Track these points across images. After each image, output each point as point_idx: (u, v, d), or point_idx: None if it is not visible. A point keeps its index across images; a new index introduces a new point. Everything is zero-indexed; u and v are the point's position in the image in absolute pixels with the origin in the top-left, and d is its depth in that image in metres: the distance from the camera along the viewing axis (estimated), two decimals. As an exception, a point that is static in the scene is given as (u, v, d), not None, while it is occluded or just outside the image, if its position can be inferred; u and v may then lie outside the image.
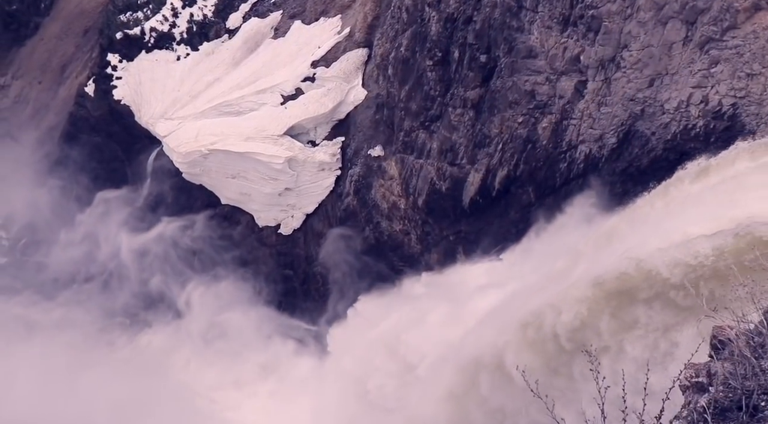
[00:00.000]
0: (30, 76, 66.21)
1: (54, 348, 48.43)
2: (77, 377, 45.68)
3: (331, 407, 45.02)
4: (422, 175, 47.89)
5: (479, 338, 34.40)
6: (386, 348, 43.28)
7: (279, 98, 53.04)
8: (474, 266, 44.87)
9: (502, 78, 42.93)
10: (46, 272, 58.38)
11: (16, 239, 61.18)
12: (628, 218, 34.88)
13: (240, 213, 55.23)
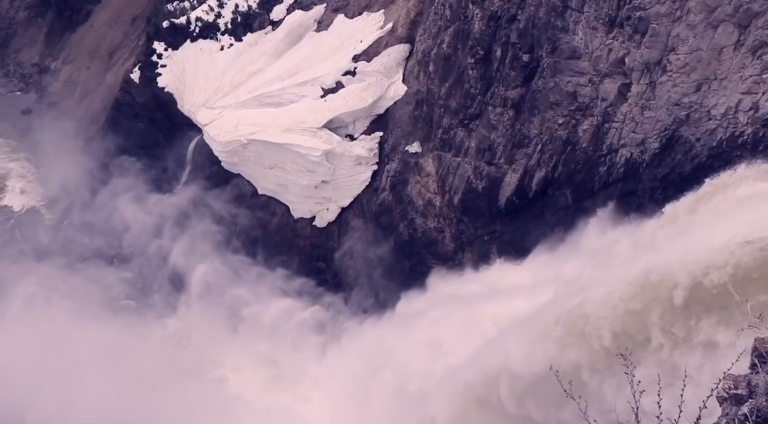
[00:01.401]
0: (79, 62, 66.12)
1: (99, 326, 48.31)
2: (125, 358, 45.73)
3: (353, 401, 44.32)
4: (459, 174, 46.47)
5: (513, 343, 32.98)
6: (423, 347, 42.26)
7: (319, 91, 52.00)
8: (508, 267, 43.56)
9: (544, 78, 41.28)
10: (87, 252, 58.14)
11: (59, 220, 60.98)
12: (667, 222, 33.32)
13: (276, 204, 54.33)
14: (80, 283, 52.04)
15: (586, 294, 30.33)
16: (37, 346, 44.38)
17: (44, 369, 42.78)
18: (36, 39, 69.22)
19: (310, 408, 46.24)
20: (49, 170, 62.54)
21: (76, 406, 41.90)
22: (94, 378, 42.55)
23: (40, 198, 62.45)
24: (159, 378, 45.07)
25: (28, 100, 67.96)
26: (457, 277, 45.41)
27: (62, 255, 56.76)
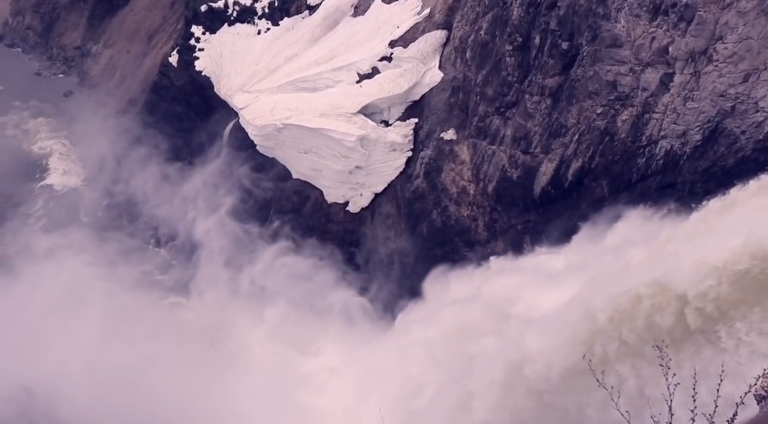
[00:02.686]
0: (119, 46, 65.66)
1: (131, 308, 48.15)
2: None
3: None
4: (494, 162, 45.04)
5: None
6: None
7: (355, 76, 50.78)
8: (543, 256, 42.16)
9: (583, 67, 39.63)
10: (125, 233, 57.90)
11: (99, 200, 60.77)
12: (705, 217, 31.75)
13: (310, 188, 53.38)
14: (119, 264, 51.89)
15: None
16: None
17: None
18: (78, 23, 68.89)
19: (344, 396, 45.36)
20: (89, 151, 62.35)
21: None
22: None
23: (80, 178, 62.29)
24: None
25: (70, 83, 67.81)
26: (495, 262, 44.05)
27: (101, 235, 56.58)
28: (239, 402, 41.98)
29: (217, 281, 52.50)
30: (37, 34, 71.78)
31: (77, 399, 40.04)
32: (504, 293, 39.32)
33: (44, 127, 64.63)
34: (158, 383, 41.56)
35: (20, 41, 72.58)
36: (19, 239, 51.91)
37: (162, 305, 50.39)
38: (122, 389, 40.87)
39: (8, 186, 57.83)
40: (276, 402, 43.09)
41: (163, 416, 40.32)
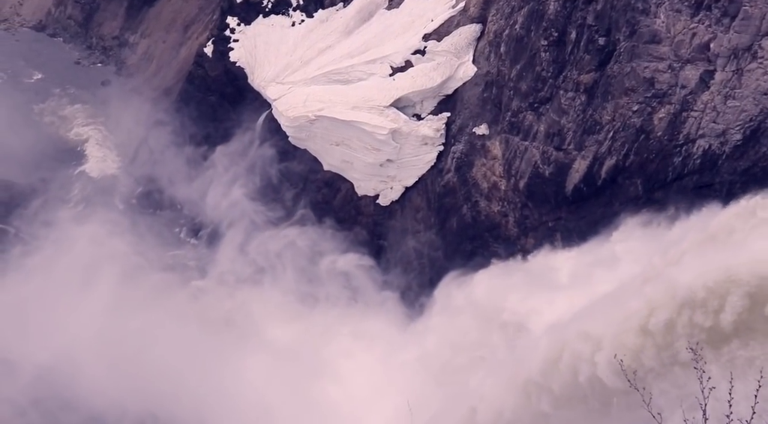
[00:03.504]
0: (156, 36, 65.42)
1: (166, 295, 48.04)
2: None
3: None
4: (526, 158, 43.87)
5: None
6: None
7: (388, 69, 49.81)
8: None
9: (620, 63, 38.31)
10: (159, 220, 57.73)
11: (133, 187, 60.65)
12: (742, 216, 30.38)
13: (341, 180, 52.63)
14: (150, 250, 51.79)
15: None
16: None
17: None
18: (117, 13, 68.83)
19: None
20: (125, 139, 62.31)
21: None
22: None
23: (116, 165, 62.23)
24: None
25: (107, 72, 67.77)
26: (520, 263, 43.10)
27: (135, 220, 56.51)
28: (250, 383, 41.82)
29: (241, 267, 52.21)
30: (77, 24, 71.86)
31: (94, 372, 40.57)
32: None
33: (81, 114, 64.67)
34: (172, 362, 41.75)
35: (61, 31, 72.77)
36: (56, 223, 51.90)
37: (186, 287, 50.12)
38: (135, 365, 41.21)
39: (46, 171, 57.95)
40: (292, 389, 42.77)
41: (175, 393, 40.60)
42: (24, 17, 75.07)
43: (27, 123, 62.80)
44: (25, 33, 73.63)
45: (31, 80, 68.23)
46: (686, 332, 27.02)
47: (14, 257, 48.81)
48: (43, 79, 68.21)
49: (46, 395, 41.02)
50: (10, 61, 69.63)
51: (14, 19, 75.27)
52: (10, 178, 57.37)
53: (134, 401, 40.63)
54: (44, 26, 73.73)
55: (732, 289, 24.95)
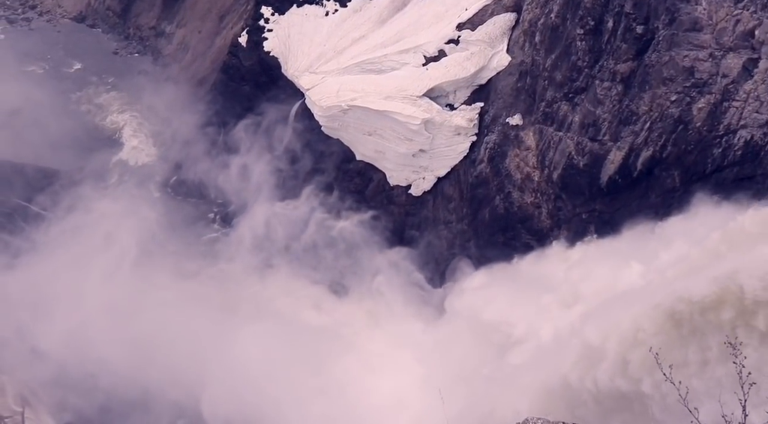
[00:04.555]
0: (192, 26, 64.98)
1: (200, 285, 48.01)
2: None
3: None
4: (560, 149, 42.63)
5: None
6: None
7: (421, 59, 48.78)
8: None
9: (658, 52, 36.91)
10: (192, 207, 57.48)
11: (169, 176, 60.44)
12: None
13: (373, 170, 51.81)
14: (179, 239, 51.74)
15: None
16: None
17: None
18: (154, 3, 68.62)
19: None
20: (161, 128, 62.06)
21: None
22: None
23: (152, 154, 62.06)
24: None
25: (144, 62, 67.57)
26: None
27: (169, 208, 56.52)
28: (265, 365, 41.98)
29: (270, 255, 51.90)
30: (116, 15, 71.81)
31: (111, 345, 41.55)
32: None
33: (117, 102, 64.59)
34: (191, 343, 42.33)
35: (100, 22, 72.78)
36: (94, 210, 51.99)
37: (211, 272, 49.85)
38: (149, 342, 41.92)
39: (84, 159, 57.98)
40: (315, 378, 42.46)
41: (190, 374, 41.30)
42: (65, 9, 75.28)
43: (66, 111, 62.91)
44: (66, 24, 73.80)
45: (71, 70, 68.35)
46: (724, 327, 26.07)
47: (50, 240, 49.11)
48: (82, 69, 68.27)
49: (66, 372, 41.92)
50: (51, 51, 69.82)
51: (56, 11, 75.53)
52: (50, 165, 57.52)
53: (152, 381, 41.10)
54: (84, 17, 73.81)
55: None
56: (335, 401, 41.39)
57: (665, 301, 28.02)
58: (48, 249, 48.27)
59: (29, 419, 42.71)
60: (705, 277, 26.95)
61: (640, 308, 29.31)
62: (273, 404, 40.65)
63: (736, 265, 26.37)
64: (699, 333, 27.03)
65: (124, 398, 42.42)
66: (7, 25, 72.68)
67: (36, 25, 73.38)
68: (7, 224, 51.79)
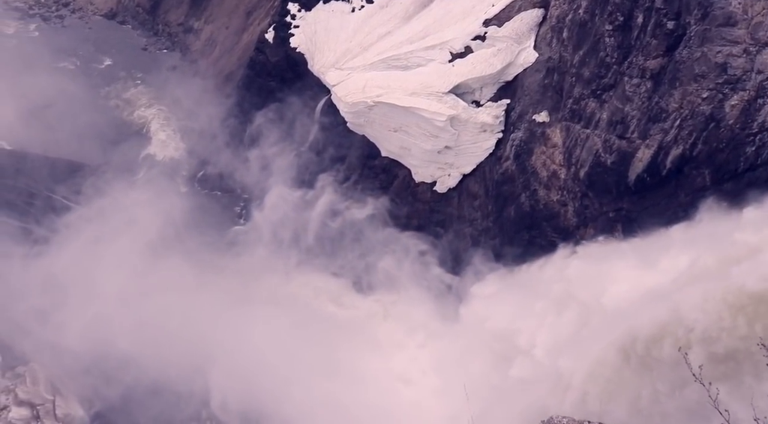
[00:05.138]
0: (219, 22, 64.83)
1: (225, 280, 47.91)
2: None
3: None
4: (587, 146, 41.65)
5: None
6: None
7: (447, 55, 48.01)
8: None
9: (689, 47, 35.80)
10: (217, 202, 57.33)
11: (196, 171, 60.37)
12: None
13: (398, 166, 51.18)
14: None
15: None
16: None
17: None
18: (182, 0, 68.64)
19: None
20: (188, 123, 62.02)
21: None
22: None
23: (179, 149, 62.04)
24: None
25: (173, 58, 67.61)
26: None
27: (195, 203, 56.48)
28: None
29: (294, 250, 51.64)
30: (145, 11, 71.98)
31: (134, 336, 42.28)
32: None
33: (145, 97, 64.74)
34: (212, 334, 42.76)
35: (130, 18, 73.02)
36: (120, 203, 52.11)
37: (235, 265, 49.68)
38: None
39: (112, 153, 58.12)
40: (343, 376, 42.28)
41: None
42: (96, 6, 75.66)
43: (95, 106, 63.15)
44: (98, 21, 74.18)
45: (102, 66, 68.65)
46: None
47: (75, 231, 49.45)
48: (112, 65, 68.54)
49: (93, 362, 42.77)
50: (82, 48, 70.21)
51: (88, 8, 75.97)
52: (78, 158, 57.71)
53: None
54: (115, 14, 74.10)
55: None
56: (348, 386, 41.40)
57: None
58: (72, 240, 48.63)
59: (60, 407, 43.24)
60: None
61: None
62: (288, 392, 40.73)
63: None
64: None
65: (150, 388, 42.80)
66: (41, 23, 73.25)
67: (68, 23, 73.87)
68: (34, 214, 52.13)
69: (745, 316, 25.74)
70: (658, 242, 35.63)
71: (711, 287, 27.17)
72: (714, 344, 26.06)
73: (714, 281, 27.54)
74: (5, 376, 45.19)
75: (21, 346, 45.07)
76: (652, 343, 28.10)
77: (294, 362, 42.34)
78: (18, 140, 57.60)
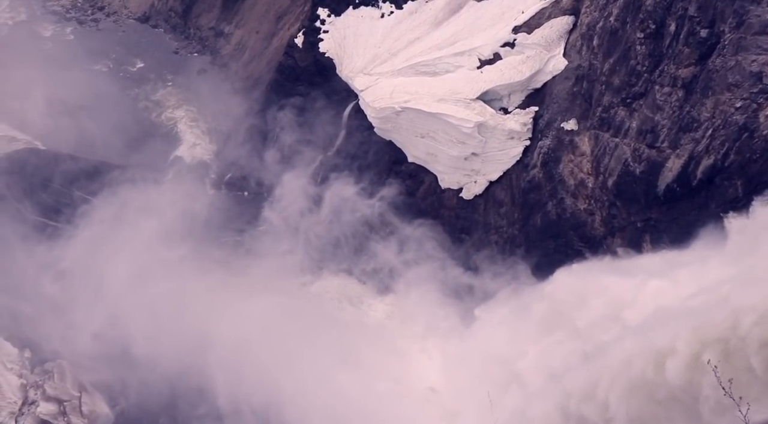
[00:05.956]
0: (250, 26, 64.97)
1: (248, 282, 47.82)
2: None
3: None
4: (616, 155, 40.83)
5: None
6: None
7: (476, 62, 47.49)
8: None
9: (723, 56, 34.91)
10: (244, 206, 57.29)
11: (223, 173, 60.43)
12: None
13: (424, 172, 50.69)
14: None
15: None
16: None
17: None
18: (214, 4, 68.95)
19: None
20: (217, 126, 62.30)
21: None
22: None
23: (208, 151, 62.21)
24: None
25: (203, 62, 67.87)
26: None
27: (221, 206, 56.61)
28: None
29: (319, 253, 51.86)
30: (177, 15, 72.42)
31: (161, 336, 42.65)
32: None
33: (175, 99, 65.17)
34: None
35: (163, 22, 73.52)
36: (147, 203, 52.34)
37: (257, 266, 49.73)
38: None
39: (141, 154, 58.36)
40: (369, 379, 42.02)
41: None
42: (131, 10, 76.40)
43: (126, 108, 63.75)
44: (131, 25, 74.86)
45: (134, 68, 69.18)
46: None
47: (99, 230, 49.93)
48: (143, 68, 69.07)
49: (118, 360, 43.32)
50: (115, 51, 70.88)
51: (122, 11, 76.74)
52: (108, 159, 58.06)
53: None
54: (148, 18, 74.66)
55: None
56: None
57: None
58: (94, 238, 49.09)
59: (86, 404, 43.52)
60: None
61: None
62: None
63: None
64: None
65: (176, 387, 42.97)
66: (77, 26, 74.11)
67: (103, 26, 74.65)
68: (62, 212, 52.48)
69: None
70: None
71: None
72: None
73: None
74: (34, 371, 45.62)
75: (49, 343, 45.45)
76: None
77: (311, 362, 42.30)
78: (51, 140, 58.12)
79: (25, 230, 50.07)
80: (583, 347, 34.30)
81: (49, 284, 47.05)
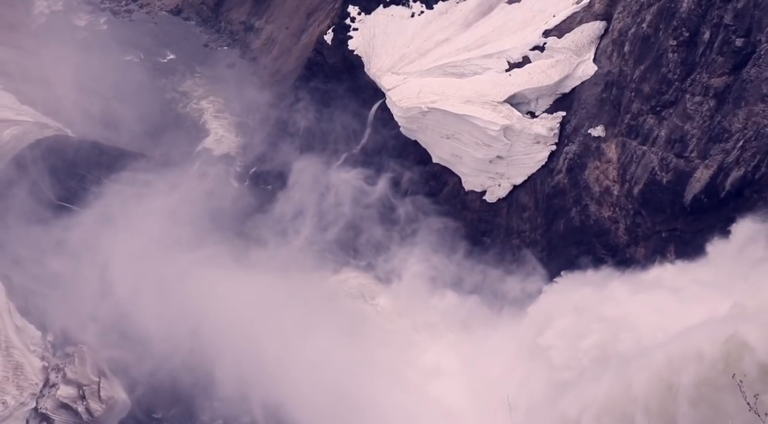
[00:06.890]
0: (279, 22, 64.78)
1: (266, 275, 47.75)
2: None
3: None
4: (643, 163, 40.04)
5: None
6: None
7: (504, 65, 46.86)
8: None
9: (758, 66, 34.03)
10: (267, 200, 57.18)
11: (248, 166, 60.34)
12: None
13: (448, 174, 50.18)
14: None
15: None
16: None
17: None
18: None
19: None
20: (243, 120, 62.26)
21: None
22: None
23: (234, 144, 62.17)
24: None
25: (232, 56, 67.79)
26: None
27: (243, 199, 56.60)
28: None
29: (338, 254, 51.90)
30: (209, 9, 72.48)
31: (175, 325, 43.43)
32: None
33: (203, 91, 65.23)
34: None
35: (194, 15, 73.60)
36: (170, 193, 52.60)
37: (271, 259, 49.84)
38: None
39: (167, 146, 58.42)
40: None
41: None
42: (163, 2, 76.51)
43: (155, 98, 63.94)
44: (163, 17, 74.98)
45: (164, 60, 69.30)
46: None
47: (123, 218, 50.35)
48: (173, 60, 69.16)
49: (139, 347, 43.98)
50: (147, 42, 71.06)
51: (155, 3, 76.88)
52: (134, 148, 58.21)
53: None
54: (180, 10, 74.76)
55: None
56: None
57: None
58: (115, 224, 49.44)
59: (104, 389, 43.84)
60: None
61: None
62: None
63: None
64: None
65: (193, 376, 43.10)
66: (111, 17, 74.40)
67: (136, 17, 74.85)
68: (85, 198, 52.77)
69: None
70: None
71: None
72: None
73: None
74: (56, 355, 45.98)
75: (71, 327, 45.83)
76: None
77: (326, 356, 42.24)
78: (81, 128, 58.38)
79: (50, 215, 50.43)
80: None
81: (72, 270, 47.34)
